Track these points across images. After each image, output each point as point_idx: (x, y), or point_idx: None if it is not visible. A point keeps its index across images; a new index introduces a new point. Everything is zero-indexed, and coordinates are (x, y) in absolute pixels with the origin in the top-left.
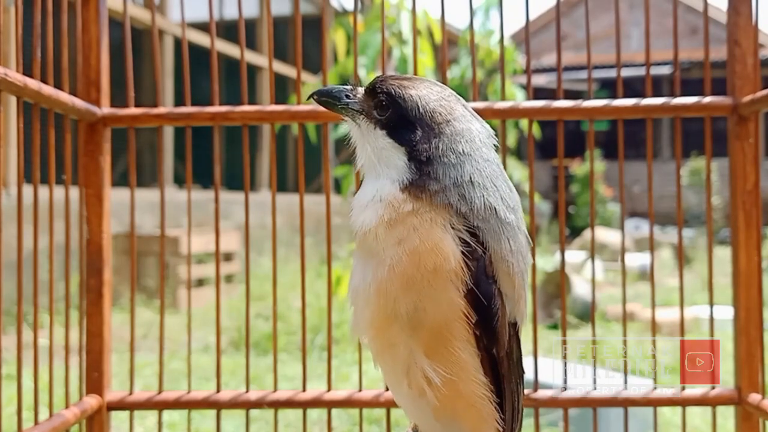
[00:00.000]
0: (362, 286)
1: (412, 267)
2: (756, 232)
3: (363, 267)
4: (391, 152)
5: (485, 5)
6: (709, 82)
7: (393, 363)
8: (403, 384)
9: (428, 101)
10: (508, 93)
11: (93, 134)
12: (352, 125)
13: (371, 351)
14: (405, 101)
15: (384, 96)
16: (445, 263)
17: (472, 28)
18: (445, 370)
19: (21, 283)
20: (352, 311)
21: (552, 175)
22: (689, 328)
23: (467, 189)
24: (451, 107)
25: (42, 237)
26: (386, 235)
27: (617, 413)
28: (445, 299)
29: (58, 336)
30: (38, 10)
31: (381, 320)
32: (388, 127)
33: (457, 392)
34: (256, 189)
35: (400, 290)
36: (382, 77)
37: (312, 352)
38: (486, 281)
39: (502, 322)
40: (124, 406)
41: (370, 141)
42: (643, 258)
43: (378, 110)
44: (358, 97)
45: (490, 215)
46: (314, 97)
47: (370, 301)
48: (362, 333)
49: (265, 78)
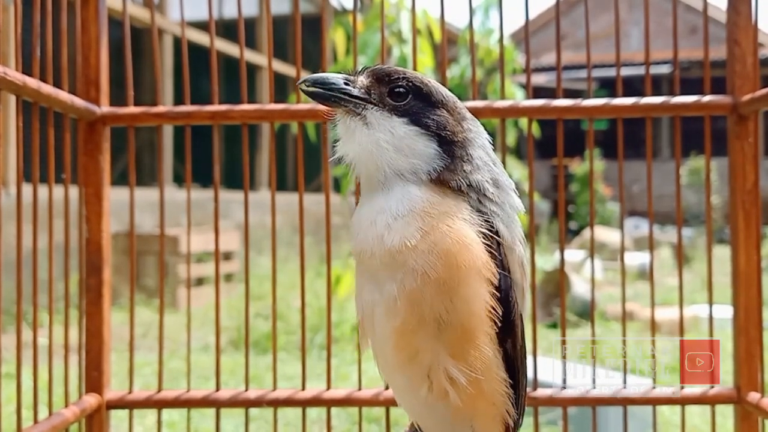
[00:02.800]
0: (382, 301)
1: (445, 270)
2: (755, 231)
3: (377, 282)
4: (415, 140)
5: (485, 4)
6: (708, 82)
7: (412, 372)
8: (420, 389)
9: (444, 88)
10: (508, 92)
11: (92, 133)
12: (351, 120)
13: (387, 366)
14: (426, 85)
15: (402, 81)
16: (476, 260)
17: (472, 27)
18: (470, 369)
19: (20, 282)
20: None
21: (551, 175)
22: (689, 328)
23: (490, 172)
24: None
25: (41, 236)
26: (418, 244)
27: (616, 412)
28: (475, 295)
29: (57, 335)
30: (38, 9)
31: (409, 330)
32: (409, 114)
33: (480, 391)
34: (256, 188)
35: (435, 295)
36: (378, 65)
37: (311, 351)
38: (503, 273)
39: (516, 312)
40: (123, 404)
41: (384, 130)
42: (642, 257)
43: (393, 97)
44: (361, 84)
45: (504, 201)
46: (304, 86)
47: (397, 314)
48: (382, 350)
49: (264, 77)
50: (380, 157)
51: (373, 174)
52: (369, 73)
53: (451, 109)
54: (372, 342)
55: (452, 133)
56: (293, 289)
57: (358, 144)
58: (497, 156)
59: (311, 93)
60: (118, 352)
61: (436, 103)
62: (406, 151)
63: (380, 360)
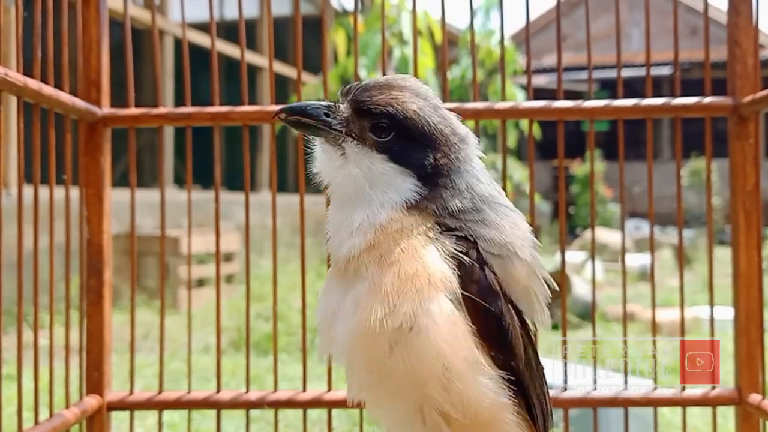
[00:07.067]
0: (345, 310)
1: (395, 282)
2: (756, 232)
3: (344, 293)
4: (393, 176)
5: (485, 5)
6: (709, 83)
7: (398, 401)
8: (414, 424)
9: (429, 114)
10: (509, 93)
11: (93, 134)
12: (330, 148)
13: (362, 390)
14: (409, 120)
15: (384, 118)
16: (429, 273)
17: (473, 29)
18: (459, 401)
19: (21, 283)
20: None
21: (552, 176)
22: (689, 329)
23: (478, 192)
24: (445, 114)
25: (42, 237)
26: (363, 254)
27: (617, 413)
28: (437, 314)
29: (58, 336)
30: (39, 10)
31: (367, 340)
32: (390, 151)
33: (479, 422)
34: (257, 189)
35: (389, 311)
36: (361, 88)
37: (312, 352)
38: (491, 297)
39: (515, 333)
40: (124, 406)
41: (362, 166)
42: (643, 258)
43: (375, 132)
44: (342, 116)
45: (490, 215)
46: (282, 116)
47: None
48: (344, 360)
49: (265, 78)
50: (353, 189)
51: (345, 198)
52: (351, 103)
53: (438, 139)
54: (335, 355)
55: (435, 167)
56: (294, 290)
57: (334, 173)
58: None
59: (290, 122)
60: (119, 353)
61: (420, 137)
62: (383, 186)
63: (350, 379)
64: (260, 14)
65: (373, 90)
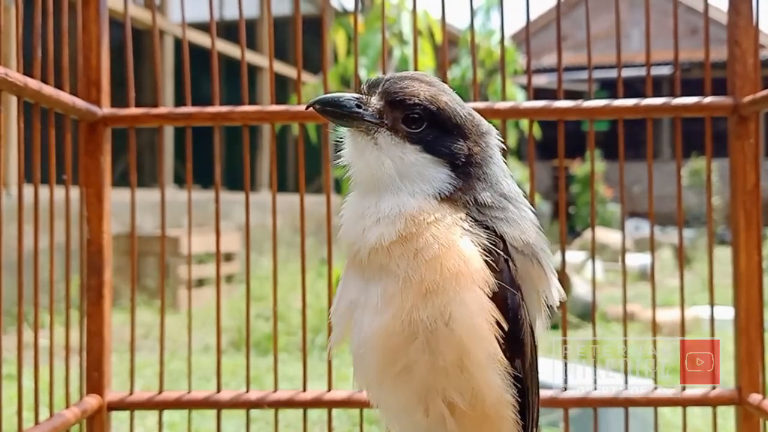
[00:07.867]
0: (368, 303)
1: (429, 275)
2: (756, 232)
3: (365, 280)
4: (425, 167)
5: (486, 5)
6: (709, 83)
7: (403, 391)
8: (416, 413)
9: (460, 105)
10: (509, 93)
11: (93, 134)
12: (362, 139)
13: (373, 381)
14: (444, 110)
15: (418, 108)
16: (466, 266)
17: (473, 29)
18: (470, 392)
19: (21, 283)
20: (338, 331)
21: (552, 176)
22: (690, 329)
23: (503, 188)
24: (468, 108)
25: (42, 237)
26: (394, 245)
27: (617, 413)
28: (470, 306)
29: (58, 336)
30: (39, 10)
31: (395, 341)
32: (423, 142)
33: (483, 415)
34: (257, 189)
35: (420, 302)
36: (392, 80)
37: (312, 352)
38: (512, 292)
39: (526, 331)
40: (124, 406)
41: (394, 156)
42: (643, 258)
43: (407, 123)
44: (374, 107)
45: (514, 212)
46: (316, 107)
47: (381, 319)
48: (364, 360)
49: (265, 78)
50: (384, 179)
51: (371, 187)
52: (382, 95)
53: (470, 130)
54: (351, 348)
55: (468, 156)
56: (294, 290)
57: (365, 162)
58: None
59: (325, 114)
60: (119, 353)
61: (453, 127)
62: (414, 177)
63: (362, 373)
64: (260, 14)
65: (405, 81)
